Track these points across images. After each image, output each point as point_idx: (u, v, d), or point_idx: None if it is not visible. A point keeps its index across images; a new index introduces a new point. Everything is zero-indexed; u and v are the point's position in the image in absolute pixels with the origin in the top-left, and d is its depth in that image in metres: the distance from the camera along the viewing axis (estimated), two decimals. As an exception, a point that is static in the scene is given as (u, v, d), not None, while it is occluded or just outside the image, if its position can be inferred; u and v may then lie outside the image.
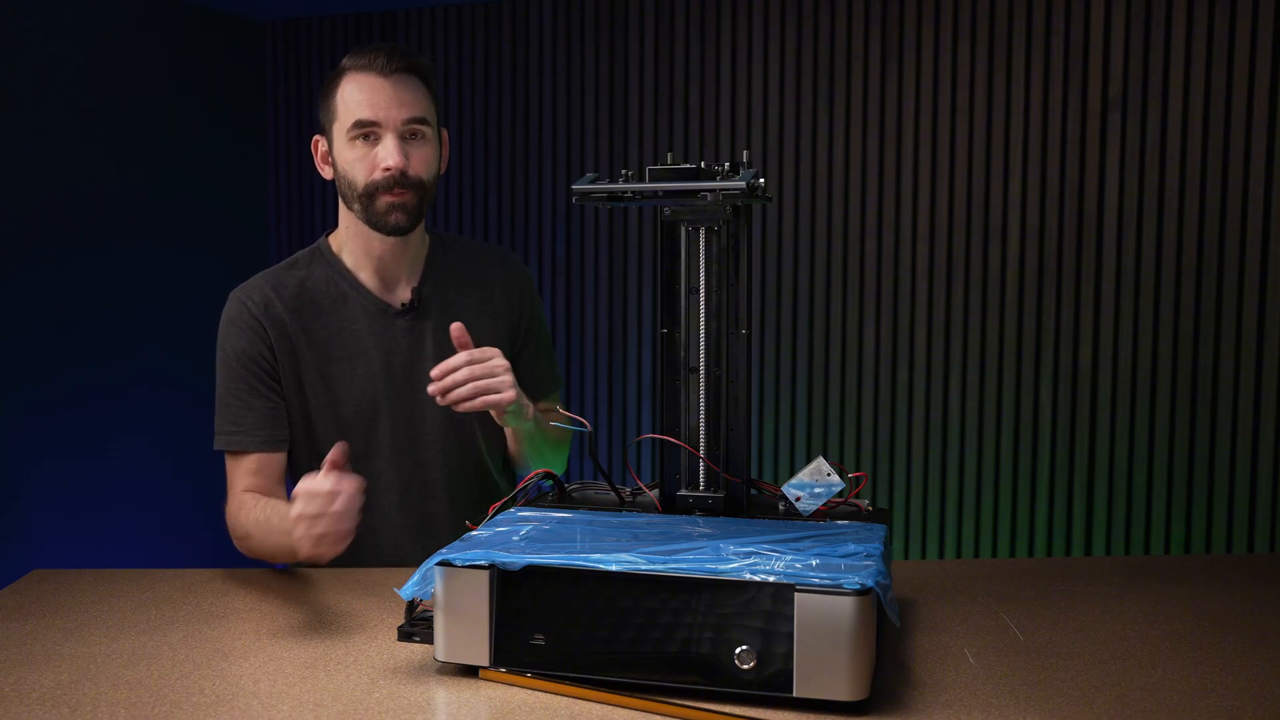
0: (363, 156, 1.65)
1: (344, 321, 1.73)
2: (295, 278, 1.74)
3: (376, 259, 1.74)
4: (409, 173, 1.64)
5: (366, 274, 1.75)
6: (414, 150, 1.66)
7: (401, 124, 1.64)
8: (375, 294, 1.74)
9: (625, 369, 3.77)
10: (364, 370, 1.72)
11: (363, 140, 1.65)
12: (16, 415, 3.18)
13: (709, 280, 1.44)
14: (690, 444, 1.45)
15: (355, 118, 1.64)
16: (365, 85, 1.64)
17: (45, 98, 3.27)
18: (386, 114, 1.63)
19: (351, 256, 1.75)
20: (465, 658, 1.20)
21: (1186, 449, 3.22)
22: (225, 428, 1.70)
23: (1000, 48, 3.32)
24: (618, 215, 3.74)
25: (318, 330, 1.72)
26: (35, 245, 3.22)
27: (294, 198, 4.16)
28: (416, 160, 1.66)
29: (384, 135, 1.64)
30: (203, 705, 1.15)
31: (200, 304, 3.82)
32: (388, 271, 1.75)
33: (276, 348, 1.70)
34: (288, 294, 1.72)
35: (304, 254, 1.78)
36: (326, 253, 1.76)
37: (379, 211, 1.66)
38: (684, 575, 1.14)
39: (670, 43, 3.65)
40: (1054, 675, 1.22)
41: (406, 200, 1.65)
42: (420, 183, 1.66)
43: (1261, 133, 3.09)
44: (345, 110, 1.65)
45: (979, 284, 3.37)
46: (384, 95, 1.63)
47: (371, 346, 1.73)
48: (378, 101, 1.63)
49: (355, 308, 1.73)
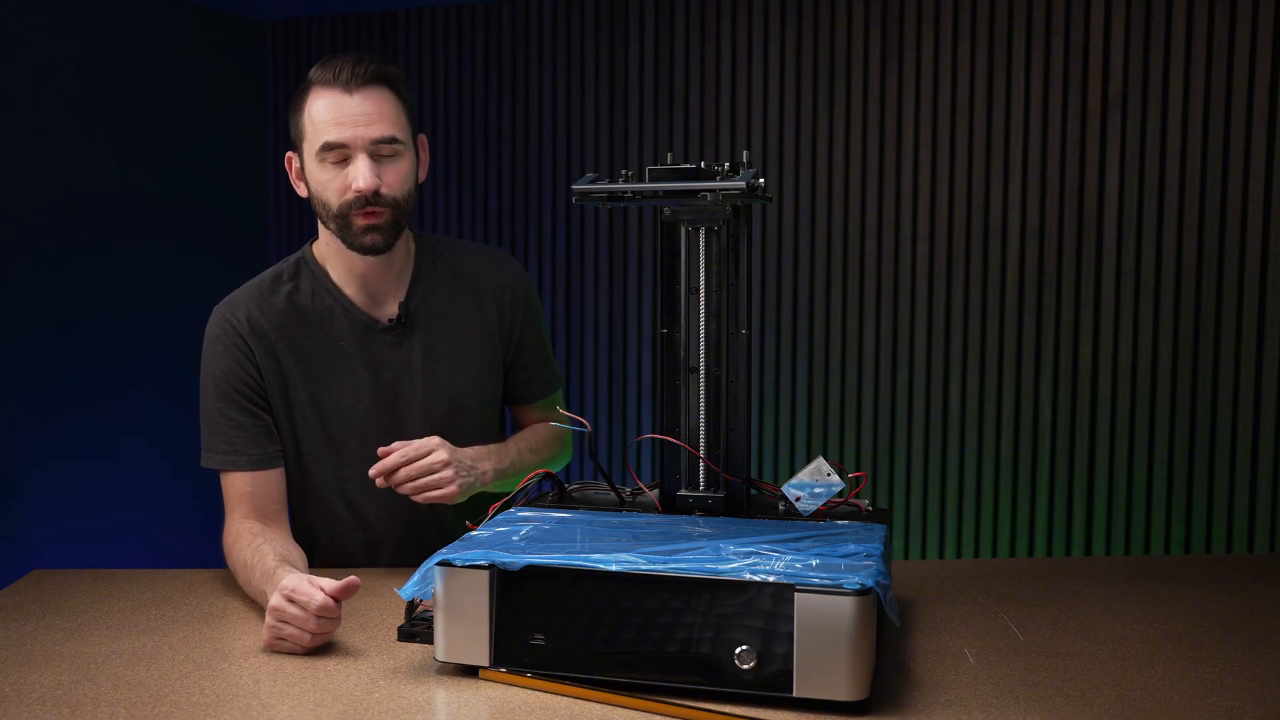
0: (334, 178, 1.60)
1: (330, 339, 1.69)
2: (282, 293, 1.70)
3: (360, 276, 1.70)
4: (382, 192, 1.60)
5: (352, 289, 1.71)
6: (386, 169, 1.61)
7: (371, 143, 1.58)
8: (362, 309, 1.71)
9: (625, 369, 3.77)
10: (351, 388, 1.69)
11: (332, 162, 1.60)
12: (16, 415, 3.17)
13: (709, 280, 1.44)
14: (690, 444, 1.45)
15: (323, 140, 1.59)
16: (332, 104, 1.58)
17: (45, 98, 3.27)
18: (354, 135, 1.58)
19: (336, 271, 1.71)
20: (465, 658, 1.20)
21: (1186, 449, 3.22)
22: (218, 447, 1.66)
23: (1000, 48, 3.32)
24: (618, 215, 3.74)
25: (305, 348, 1.69)
26: (35, 245, 3.22)
27: (294, 198, 4.16)
28: (390, 178, 1.61)
29: (354, 156, 1.59)
30: (203, 705, 1.15)
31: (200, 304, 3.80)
32: (372, 287, 1.71)
33: (263, 365, 1.67)
34: (274, 311, 1.68)
35: (289, 265, 1.73)
36: (312, 264, 1.72)
37: (354, 233, 1.62)
38: (684, 575, 1.14)
39: (670, 43, 3.65)
40: (1054, 675, 1.22)
41: (382, 220, 1.61)
42: (395, 201, 1.62)
43: (1261, 133, 3.09)
44: (313, 130, 1.60)
45: (979, 284, 3.37)
46: (351, 114, 1.58)
47: (359, 364, 1.70)
48: (345, 121, 1.58)
49: (341, 324, 1.70)
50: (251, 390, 1.67)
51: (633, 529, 1.32)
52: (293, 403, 1.69)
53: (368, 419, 1.70)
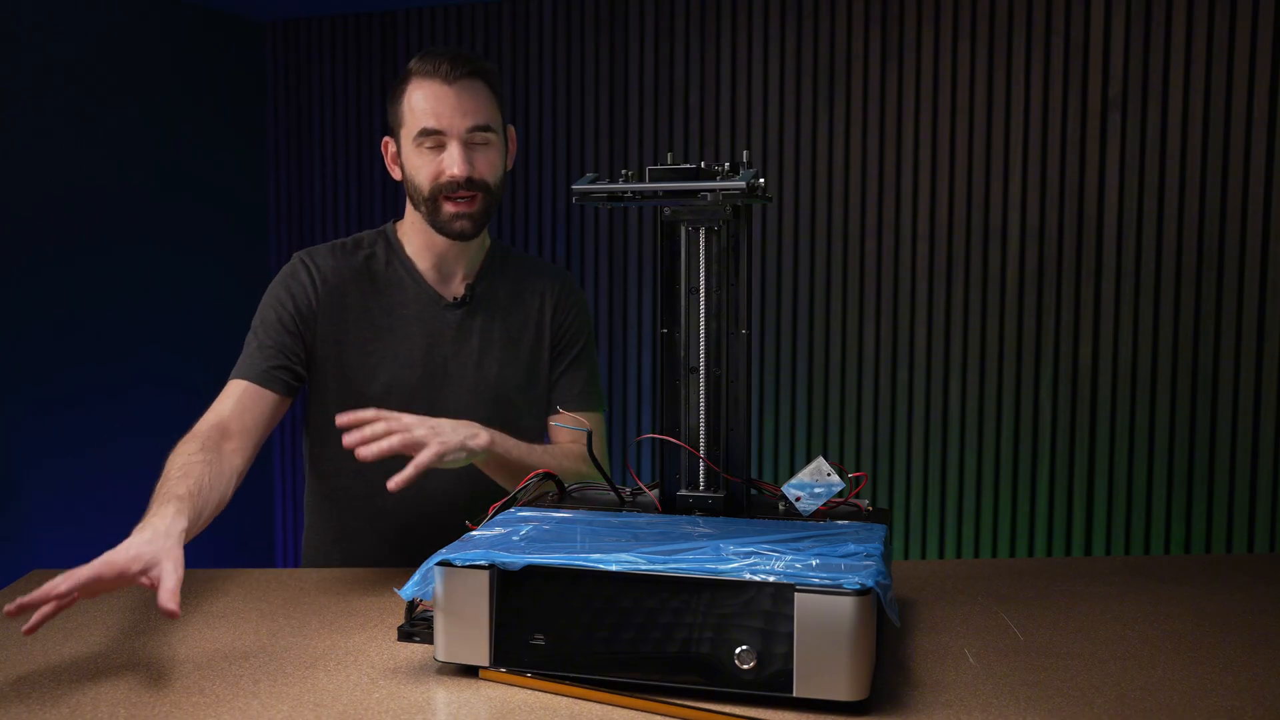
0: (429, 163, 1.70)
1: (396, 305, 1.77)
2: (360, 255, 1.79)
3: (438, 254, 1.79)
4: (474, 177, 1.69)
5: (425, 265, 1.79)
6: (478, 156, 1.70)
7: (465, 132, 1.68)
8: (431, 284, 1.79)
9: (625, 369, 3.77)
10: (405, 355, 1.75)
11: (429, 147, 1.69)
12: (16, 415, 3.17)
13: (709, 280, 1.44)
14: (690, 444, 1.45)
15: (421, 126, 1.68)
16: (430, 93, 1.68)
17: (45, 98, 3.27)
18: (451, 123, 1.68)
19: (412, 246, 1.80)
20: (465, 658, 1.20)
21: (1186, 449, 3.22)
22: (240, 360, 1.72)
23: (1000, 48, 3.32)
24: (618, 215, 3.74)
25: (371, 307, 1.76)
26: (35, 245, 3.22)
27: (294, 198, 4.16)
28: (481, 165, 1.71)
29: (449, 143, 1.69)
30: (203, 705, 1.15)
31: (200, 304, 3.84)
32: (446, 265, 1.80)
33: (322, 312, 1.74)
34: (350, 268, 1.77)
35: (370, 235, 1.83)
36: (392, 237, 1.82)
37: (444, 218, 1.71)
38: (684, 575, 1.14)
39: (670, 43, 3.65)
40: (1054, 675, 1.22)
41: (472, 206, 1.71)
42: (486, 185, 1.71)
43: (1261, 133, 3.09)
44: (412, 117, 1.70)
45: (979, 284, 3.37)
46: (448, 104, 1.68)
47: (418, 333, 1.77)
48: (442, 110, 1.68)
49: (409, 294, 1.78)
50: (296, 324, 1.72)
51: (633, 529, 1.32)
52: (344, 356, 1.74)
53: (413, 390, 1.75)
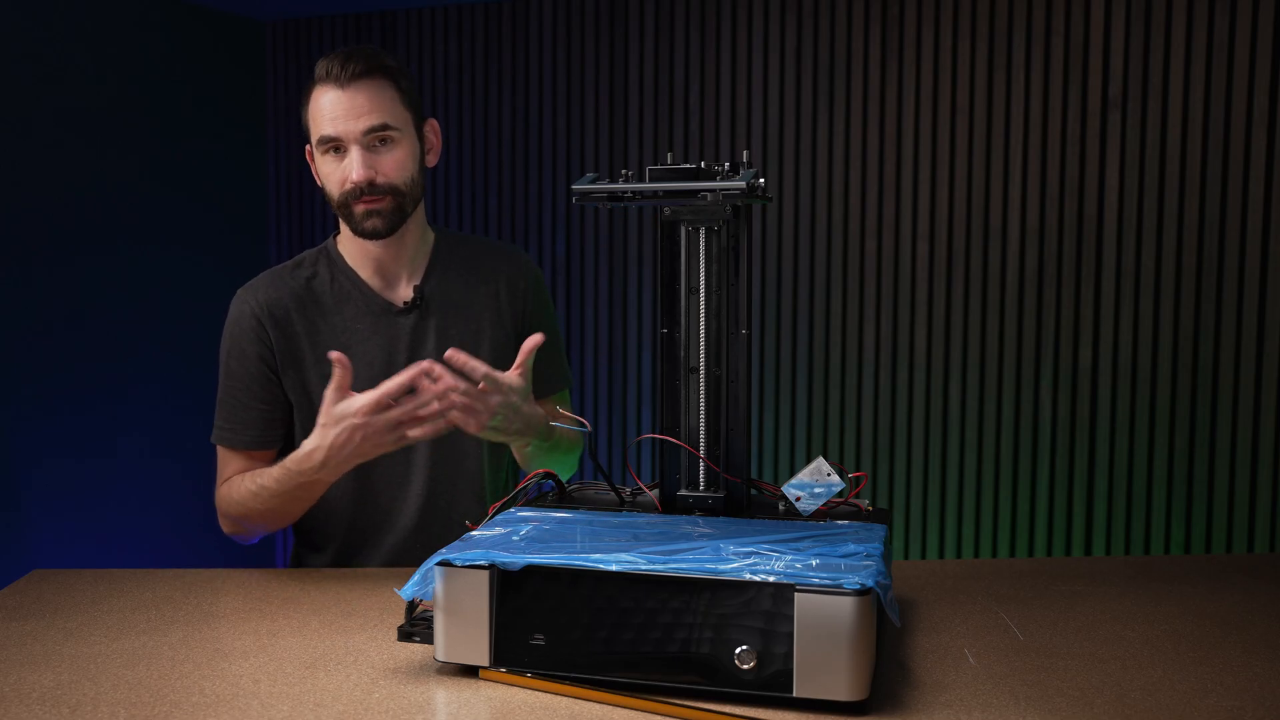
0: (334, 170, 1.68)
1: (347, 321, 1.75)
2: (301, 277, 1.76)
3: (375, 260, 1.76)
4: (377, 181, 1.66)
5: (368, 273, 1.77)
6: (382, 157, 1.66)
7: (363, 135, 1.65)
8: (377, 292, 1.77)
9: (625, 369, 3.77)
10: (365, 370, 1.73)
11: (332, 153, 1.67)
12: (16, 415, 3.17)
13: (709, 280, 1.44)
14: (690, 444, 1.45)
15: (320, 133, 1.67)
16: (327, 99, 1.66)
17: (45, 97, 3.27)
18: (346, 128, 1.65)
19: (352, 257, 1.77)
20: (465, 658, 1.20)
21: (1186, 449, 3.22)
22: (222, 424, 1.74)
23: (1000, 48, 3.32)
24: (618, 215, 3.74)
25: (321, 329, 1.74)
26: (35, 245, 3.22)
27: (294, 198, 4.16)
28: (386, 166, 1.67)
29: (348, 148, 1.65)
30: (203, 705, 1.15)
31: (200, 304, 3.83)
32: (387, 270, 1.77)
33: (278, 348, 1.72)
34: (292, 293, 1.74)
35: (311, 254, 1.80)
36: (332, 252, 1.79)
37: (356, 219, 1.69)
38: (684, 575, 1.14)
39: (670, 43, 3.65)
40: (1054, 675, 1.22)
41: (380, 206, 1.67)
42: (392, 187, 1.67)
43: (1261, 133, 3.09)
44: (314, 125, 1.69)
45: (979, 284, 3.37)
46: (342, 108, 1.64)
47: (374, 345, 1.75)
48: (337, 115, 1.65)
49: (358, 306, 1.76)
50: (264, 374, 1.72)
51: (633, 529, 1.32)
52: (308, 382, 1.73)
53: None
